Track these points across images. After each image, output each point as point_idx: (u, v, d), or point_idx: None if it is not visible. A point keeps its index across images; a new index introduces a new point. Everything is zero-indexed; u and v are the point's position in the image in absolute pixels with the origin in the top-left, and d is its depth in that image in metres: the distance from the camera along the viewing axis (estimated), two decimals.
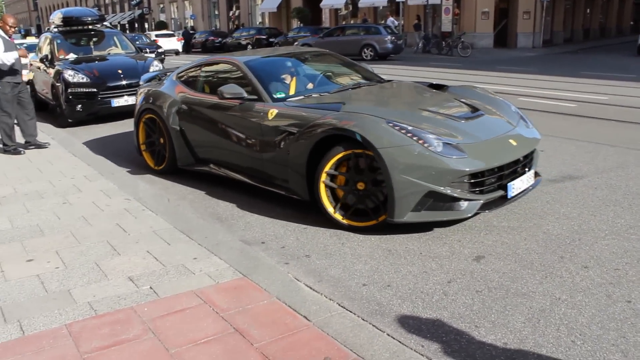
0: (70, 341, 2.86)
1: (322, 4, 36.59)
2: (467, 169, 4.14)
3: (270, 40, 32.47)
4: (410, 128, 4.24)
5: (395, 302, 3.36)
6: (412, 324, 3.11)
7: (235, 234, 4.49)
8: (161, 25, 51.50)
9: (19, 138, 7.82)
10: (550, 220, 4.62)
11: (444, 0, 26.21)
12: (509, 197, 4.42)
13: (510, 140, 4.60)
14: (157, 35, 35.75)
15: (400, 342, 2.86)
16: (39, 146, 7.80)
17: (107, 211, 4.94)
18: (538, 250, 4.03)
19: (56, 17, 11.79)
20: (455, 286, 3.54)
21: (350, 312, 3.15)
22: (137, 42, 23.16)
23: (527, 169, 4.74)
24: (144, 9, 60.27)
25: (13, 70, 7.32)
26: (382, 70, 18.45)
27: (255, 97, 5.25)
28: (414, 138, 4.15)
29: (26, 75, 9.47)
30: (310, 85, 5.74)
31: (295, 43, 27.51)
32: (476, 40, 28.14)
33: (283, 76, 5.72)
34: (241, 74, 5.56)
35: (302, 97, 5.28)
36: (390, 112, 4.67)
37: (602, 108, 10.23)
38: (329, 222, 4.55)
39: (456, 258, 3.95)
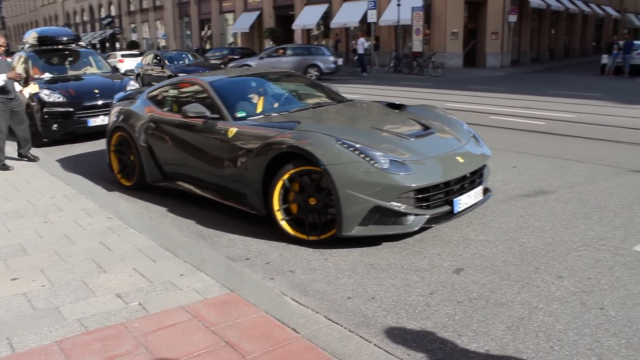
0: (62, 357, 2.89)
1: (294, 25, 37.00)
2: (412, 185, 4.33)
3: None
4: (358, 146, 4.44)
5: (380, 314, 3.46)
6: (398, 334, 3.21)
7: (220, 251, 4.55)
8: (133, 45, 51.34)
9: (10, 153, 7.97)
10: (525, 233, 4.79)
11: (414, 21, 26.72)
12: (455, 212, 4.61)
13: (458, 157, 4.80)
14: (122, 55, 35.70)
15: (387, 351, 2.95)
16: (31, 159, 8.05)
17: (90, 230, 4.96)
18: (515, 262, 4.18)
19: (30, 37, 11.74)
20: (437, 297, 3.66)
21: (337, 324, 3.24)
22: None
23: (475, 185, 4.93)
24: (115, 29, 60.03)
25: (3, 88, 7.52)
26: (353, 89, 18.75)
27: (218, 116, 5.45)
28: (362, 155, 4.36)
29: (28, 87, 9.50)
30: (275, 105, 5.97)
31: (231, 64, 27.00)
32: (446, 60, 28.72)
33: (250, 96, 5.95)
34: (206, 94, 5.78)
35: (262, 116, 5.51)
36: (343, 131, 4.89)
37: (570, 126, 10.57)
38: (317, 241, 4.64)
39: (437, 271, 4.07)
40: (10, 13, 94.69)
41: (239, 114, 5.46)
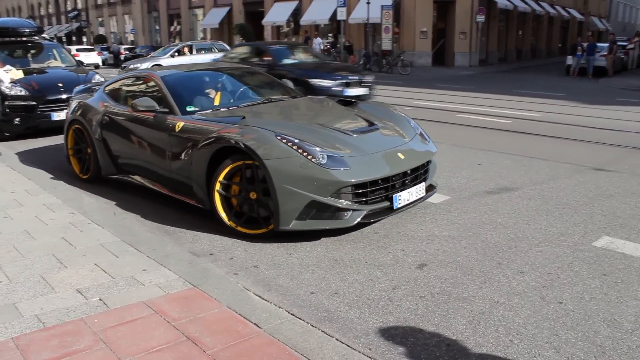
0: (17, 354, 2.82)
1: (264, 21, 36.85)
2: (349, 180, 4.40)
3: None
4: (296, 141, 4.49)
5: (343, 309, 3.47)
6: (360, 329, 3.23)
7: (184, 246, 4.51)
8: (100, 39, 50.52)
9: None
10: (488, 229, 4.86)
11: (384, 19, 26.87)
12: (395, 207, 4.68)
13: (399, 154, 4.86)
14: (77, 50, 35.28)
15: (348, 346, 2.96)
16: None
17: (52, 225, 4.86)
18: (477, 258, 4.24)
19: None
20: (399, 292, 3.69)
21: (300, 318, 3.24)
22: None
23: (417, 182, 4.99)
24: (82, 22, 58.90)
25: None
26: None
27: (167, 110, 5.49)
28: (300, 150, 4.41)
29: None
30: (229, 100, 6.03)
31: (132, 65, 21.30)
32: (415, 59, 28.98)
33: (207, 91, 6.01)
34: (157, 88, 5.82)
35: (210, 111, 5.55)
36: (286, 126, 4.96)
37: (535, 124, 10.77)
38: (276, 234, 4.63)
39: (400, 266, 4.10)
40: None
41: (189, 109, 5.49)
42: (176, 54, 23.04)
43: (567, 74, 25.51)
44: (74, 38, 61.13)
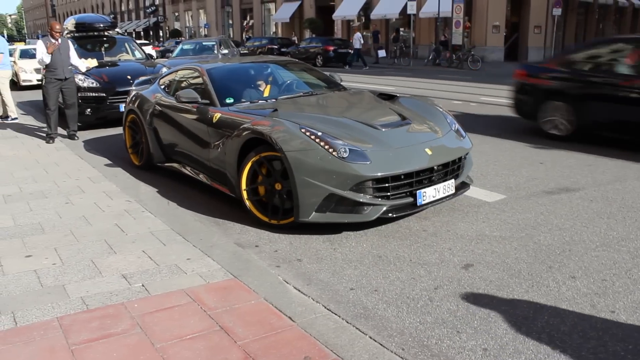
0: (60, 333, 2.95)
1: (334, 15, 36.86)
2: (369, 175, 4.34)
3: (282, 50, 32.66)
4: (319, 134, 4.49)
5: (381, 307, 3.42)
6: (395, 328, 3.17)
7: (231, 237, 4.57)
8: (175, 34, 52.07)
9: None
10: (542, 230, 4.66)
11: (455, 13, 26.28)
12: (418, 204, 4.57)
13: (427, 149, 4.73)
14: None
15: (381, 344, 2.91)
16: (72, 138, 8.89)
17: (108, 212, 5.05)
18: (527, 260, 4.08)
19: (69, 23, 12.01)
20: (441, 292, 3.59)
21: (335, 314, 3.22)
22: None
23: (446, 178, 4.84)
24: (159, 17, 60.93)
25: (53, 69, 8.39)
26: (390, 81, 18.55)
27: (208, 101, 5.65)
28: (322, 143, 4.41)
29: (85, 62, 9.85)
30: (266, 93, 6.12)
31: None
32: (487, 54, 28.18)
33: (258, 83, 6.17)
34: (201, 80, 6.00)
35: (248, 102, 5.66)
36: (313, 118, 4.98)
37: None
38: (322, 228, 4.62)
39: (445, 265, 4.00)
40: (60, 1, 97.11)
41: (228, 100, 5.63)
42: None
43: None
44: (151, 32, 63.36)
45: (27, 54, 19.31)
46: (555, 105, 8.26)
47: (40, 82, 10.51)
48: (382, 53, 29.33)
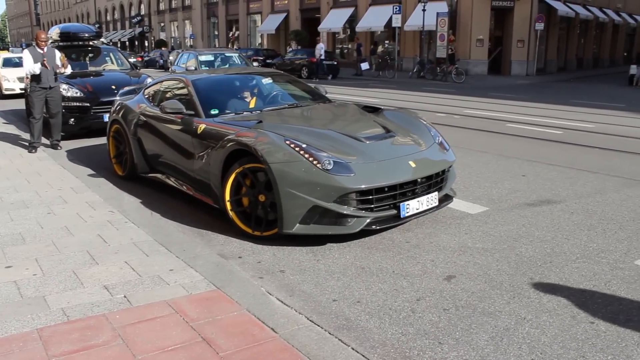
0: (39, 345, 2.92)
1: (320, 27, 37.03)
2: (353, 187, 4.37)
3: (267, 61, 32.69)
4: (304, 146, 4.52)
5: (363, 318, 3.43)
6: (377, 339, 3.18)
7: (214, 248, 4.56)
8: (160, 44, 51.99)
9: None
10: (524, 242, 4.71)
11: (439, 27, 26.54)
12: (402, 216, 4.61)
13: (410, 162, 4.77)
14: None
15: (363, 355, 2.92)
16: (55, 147, 8.82)
17: (90, 222, 5.01)
18: (509, 272, 4.11)
19: (54, 33, 11.96)
20: (423, 304, 3.61)
21: (318, 325, 3.22)
22: None
23: (429, 191, 4.89)
24: (145, 27, 60.82)
25: (38, 77, 8.37)
26: (374, 93, 18.67)
27: (193, 112, 5.67)
28: (306, 155, 4.43)
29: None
30: (252, 104, 6.13)
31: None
32: (470, 67, 28.48)
33: (244, 95, 6.19)
34: (186, 91, 6.02)
35: (233, 114, 5.68)
36: (299, 131, 4.99)
37: (587, 136, 10.39)
38: (306, 240, 4.63)
39: (427, 277, 4.02)
40: (44, 10, 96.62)
41: (213, 112, 5.65)
42: None
43: (630, 83, 24.54)
44: (136, 42, 63.19)
45: (10, 63, 19.15)
46: None
47: (23, 91, 10.45)
48: (365, 65, 29.53)
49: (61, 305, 3.39)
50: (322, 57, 27.58)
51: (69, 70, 9.02)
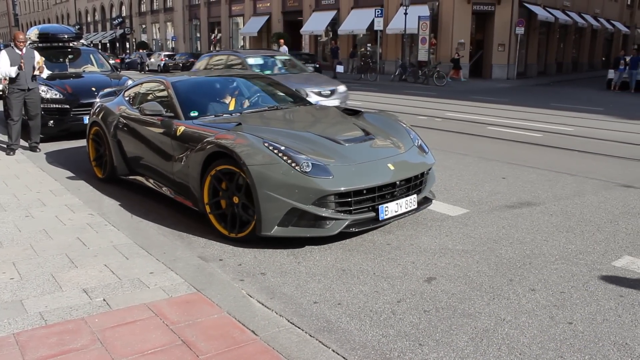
0: (16, 350, 2.88)
1: (302, 30, 37.09)
2: (331, 189, 4.38)
3: None
4: (283, 148, 4.52)
5: (344, 320, 3.43)
6: (358, 341, 3.19)
7: (194, 251, 4.54)
8: (142, 46, 51.58)
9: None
10: (504, 244, 4.75)
11: (421, 30, 26.72)
12: (380, 219, 4.63)
13: (389, 165, 4.80)
14: None
15: (344, 357, 2.93)
16: (34, 149, 8.67)
17: (69, 225, 4.96)
18: (489, 273, 4.15)
19: (32, 33, 11.80)
20: (404, 306, 3.63)
21: (299, 327, 3.22)
22: None
23: (409, 194, 4.92)
24: (126, 29, 60.36)
25: (16, 79, 8.28)
26: (355, 96, 18.70)
27: (172, 114, 5.64)
28: (284, 157, 4.44)
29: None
30: (232, 107, 6.12)
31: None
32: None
33: (222, 97, 6.17)
34: (166, 93, 6.00)
35: (213, 116, 5.67)
36: (276, 132, 5.00)
37: (566, 139, 10.52)
38: (287, 242, 4.63)
39: (408, 279, 4.04)
40: (23, 10, 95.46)
41: (192, 114, 5.63)
42: None
43: (608, 88, 24.91)
44: (117, 44, 62.69)
45: None
46: None
47: (1, 93, 10.33)
48: (340, 68, 29.64)
49: (39, 309, 3.34)
50: None
51: (45, 74, 8.87)
